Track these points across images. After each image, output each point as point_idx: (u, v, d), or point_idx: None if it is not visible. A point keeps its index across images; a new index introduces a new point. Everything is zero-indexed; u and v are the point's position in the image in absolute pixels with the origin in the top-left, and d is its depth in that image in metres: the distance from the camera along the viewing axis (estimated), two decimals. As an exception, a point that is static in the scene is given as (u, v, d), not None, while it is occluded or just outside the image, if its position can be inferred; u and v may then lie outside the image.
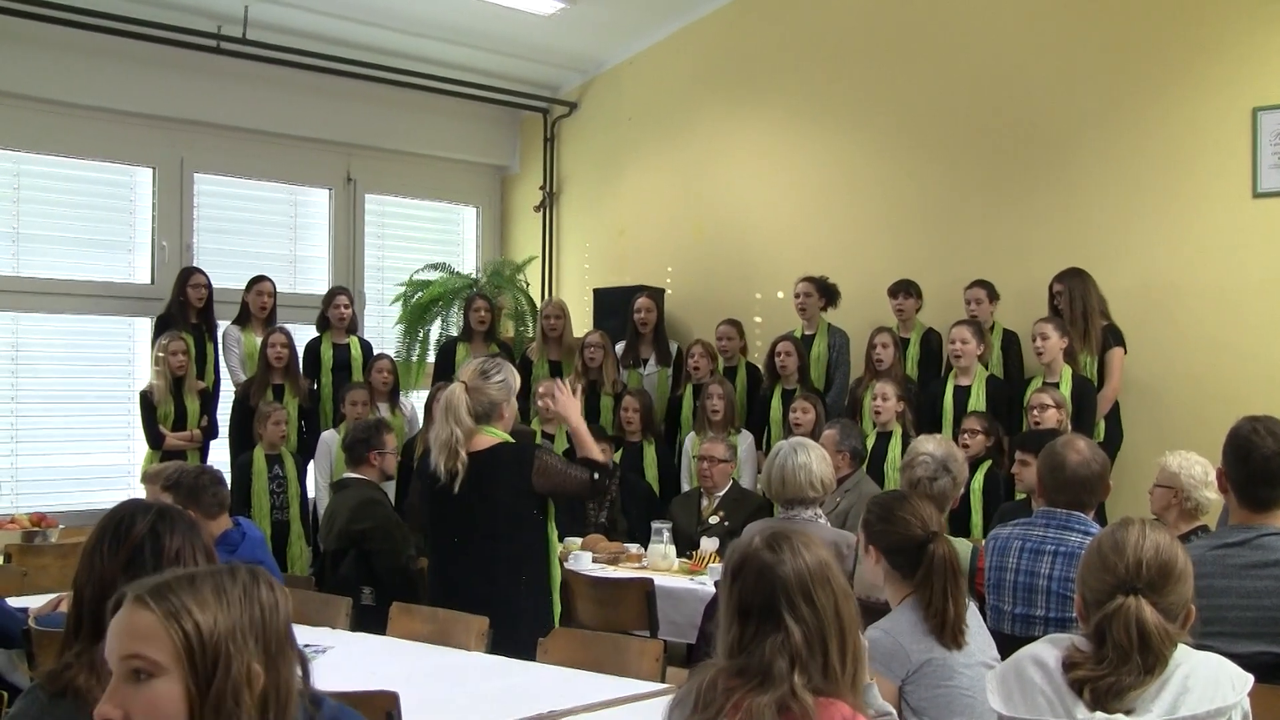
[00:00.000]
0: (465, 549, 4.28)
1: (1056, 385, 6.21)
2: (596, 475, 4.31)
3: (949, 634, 2.90)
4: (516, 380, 4.39)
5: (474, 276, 8.93)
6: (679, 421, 7.53)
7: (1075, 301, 6.46)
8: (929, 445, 4.38)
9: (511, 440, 4.29)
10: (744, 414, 7.31)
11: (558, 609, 4.38)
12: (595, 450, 4.42)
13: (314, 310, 8.03)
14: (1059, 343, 6.31)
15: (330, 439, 7.05)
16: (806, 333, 7.44)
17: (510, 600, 4.22)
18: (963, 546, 4.16)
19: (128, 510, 2.38)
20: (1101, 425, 6.39)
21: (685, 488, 6.96)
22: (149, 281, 7.98)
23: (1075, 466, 3.54)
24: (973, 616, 3.05)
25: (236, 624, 1.73)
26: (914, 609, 2.96)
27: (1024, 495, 5.42)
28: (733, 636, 2.10)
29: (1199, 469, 4.40)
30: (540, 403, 7.14)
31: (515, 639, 4.03)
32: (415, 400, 8.03)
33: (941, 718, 2.84)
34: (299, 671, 1.83)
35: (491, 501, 4.21)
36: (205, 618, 1.71)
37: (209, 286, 7.52)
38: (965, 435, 6.04)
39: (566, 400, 4.51)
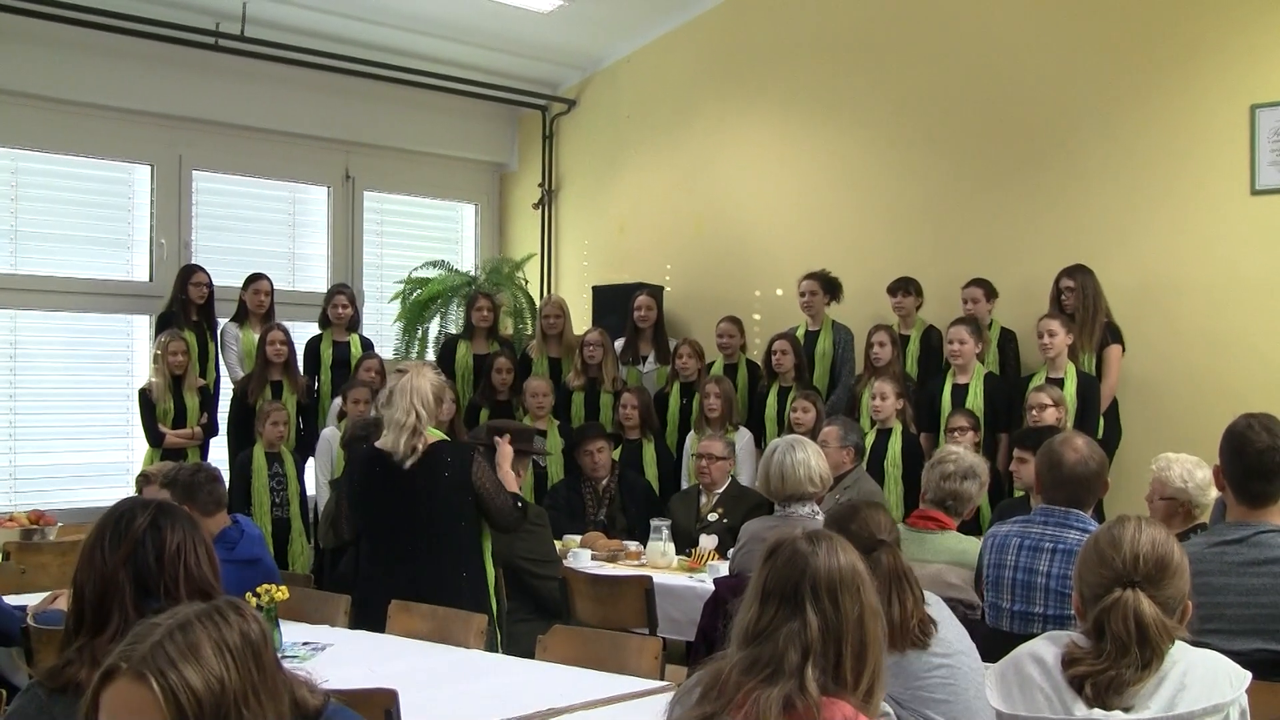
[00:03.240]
0: (407, 543, 4.40)
1: (1060, 382, 6.19)
2: (520, 504, 4.60)
3: (895, 635, 2.84)
4: None
5: (473, 274, 8.91)
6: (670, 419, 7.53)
7: (1087, 298, 6.41)
8: (960, 449, 4.56)
9: (448, 439, 4.54)
10: (744, 412, 7.31)
11: (494, 606, 4.47)
12: (515, 489, 4.68)
13: (312, 308, 8.04)
14: (1065, 339, 6.28)
15: (330, 436, 7.04)
16: (811, 329, 7.42)
17: (448, 596, 4.29)
18: (972, 545, 4.15)
19: (128, 506, 2.39)
20: (1101, 422, 6.37)
21: (685, 485, 6.97)
22: (147, 279, 7.98)
23: (1073, 464, 3.55)
24: (941, 608, 3.04)
25: (238, 680, 1.64)
26: None
27: (1022, 492, 5.43)
28: (750, 618, 2.06)
29: (1200, 473, 4.28)
30: (533, 400, 7.18)
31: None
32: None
33: (922, 709, 2.83)
34: (291, 694, 1.80)
35: (435, 495, 4.35)
36: (206, 684, 1.62)
37: (210, 284, 7.52)
38: (956, 433, 6.03)
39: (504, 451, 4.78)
